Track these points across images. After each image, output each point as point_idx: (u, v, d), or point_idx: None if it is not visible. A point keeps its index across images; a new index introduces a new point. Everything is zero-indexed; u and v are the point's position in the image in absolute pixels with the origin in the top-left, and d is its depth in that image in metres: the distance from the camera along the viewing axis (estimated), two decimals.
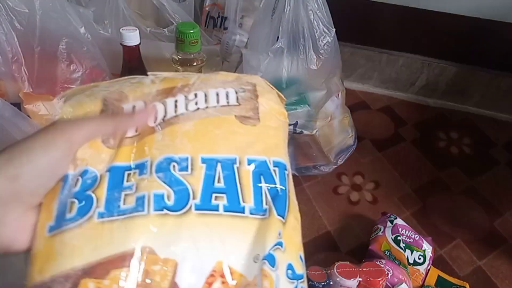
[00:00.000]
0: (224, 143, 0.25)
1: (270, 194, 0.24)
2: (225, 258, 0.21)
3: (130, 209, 0.22)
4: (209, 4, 0.82)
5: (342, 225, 0.70)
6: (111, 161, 0.23)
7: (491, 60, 0.90)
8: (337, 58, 0.69)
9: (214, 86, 0.27)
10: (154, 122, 0.25)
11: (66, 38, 0.57)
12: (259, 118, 0.26)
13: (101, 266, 0.20)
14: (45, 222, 0.22)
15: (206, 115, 0.25)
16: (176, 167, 0.23)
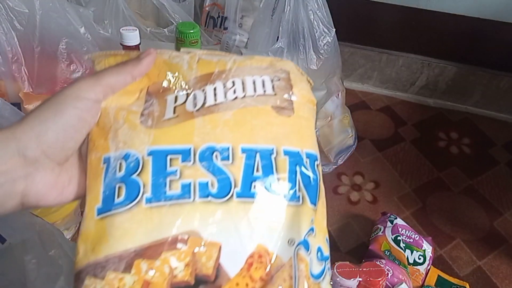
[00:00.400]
0: (262, 133, 0.26)
1: (303, 183, 0.26)
2: (263, 241, 0.23)
3: (177, 196, 0.23)
4: (209, 4, 0.82)
5: (342, 225, 0.70)
6: (151, 143, 0.24)
7: (491, 60, 0.90)
8: (337, 58, 0.69)
9: (250, 74, 0.27)
10: (194, 108, 0.25)
11: (66, 38, 0.57)
12: (293, 109, 0.27)
13: (152, 248, 0.22)
14: (93, 204, 0.23)
15: (244, 104, 0.26)
16: (218, 156, 0.24)
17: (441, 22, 0.87)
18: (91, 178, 0.24)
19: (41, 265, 0.30)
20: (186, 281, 0.22)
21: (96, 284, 0.21)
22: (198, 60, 0.27)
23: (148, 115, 0.25)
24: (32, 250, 0.30)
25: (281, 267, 0.23)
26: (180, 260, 0.22)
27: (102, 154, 0.24)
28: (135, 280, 0.22)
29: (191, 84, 0.26)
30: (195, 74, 0.27)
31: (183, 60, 0.27)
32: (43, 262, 0.29)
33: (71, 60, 0.59)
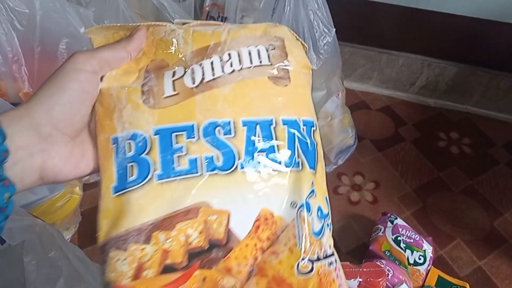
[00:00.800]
0: (260, 105, 0.27)
1: (301, 149, 0.27)
2: (267, 206, 0.25)
3: (185, 171, 0.25)
4: (209, 4, 0.82)
5: (342, 225, 0.70)
6: (156, 123, 0.25)
7: (491, 60, 0.90)
8: (337, 58, 0.69)
9: (246, 44, 0.28)
10: (193, 84, 0.26)
11: (66, 38, 0.57)
12: (290, 78, 0.28)
13: (167, 220, 0.24)
14: (109, 183, 0.25)
15: (242, 77, 0.27)
16: (221, 131, 0.26)
17: (441, 22, 0.87)
18: (103, 159, 0.25)
19: (40, 267, 0.30)
20: (200, 246, 0.24)
21: (120, 256, 0.24)
22: (192, 33, 0.28)
23: (148, 92, 0.26)
24: (32, 251, 0.30)
25: (285, 227, 0.26)
26: (193, 229, 0.24)
27: (110, 135, 0.25)
28: (155, 250, 0.24)
29: (188, 59, 0.27)
30: (191, 48, 0.27)
31: (178, 36, 0.28)
32: (42, 264, 0.29)
33: None
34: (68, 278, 0.30)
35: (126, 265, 0.23)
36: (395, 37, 0.93)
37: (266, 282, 0.25)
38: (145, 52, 0.27)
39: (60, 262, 0.30)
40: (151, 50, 0.27)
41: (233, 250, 0.25)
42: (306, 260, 0.25)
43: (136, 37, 0.27)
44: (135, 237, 0.24)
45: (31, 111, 0.23)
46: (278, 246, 0.25)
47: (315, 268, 0.26)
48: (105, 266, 0.24)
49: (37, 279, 0.29)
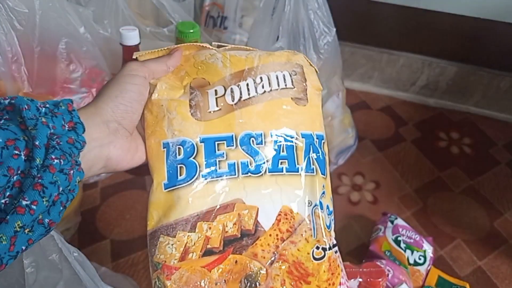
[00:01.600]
0: (285, 121, 0.33)
1: (315, 159, 0.33)
2: (288, 203, 0.31)
3: (225, 173, 0.30)
4: (209, 3, 0.82)
5: (342, 225, 0.70)
6: (202, 132, 0.31)
7: (491, 60, 0.90)
8: (338, 58, 0.69)
9: (274, 70, 0.34)
10: (233, 101, 0.32)
11: (65, 38, 0.57)
12: (308, 99, 0.34)
13: (209, 213, 0.30)
14: (160, 180, 0.30)
15: (271, 97, 0.33)
16: (254, 141, 0.31)
17: (441, 22, 0.87)
18: (154, 159, 0.30)
19: (40, 269, 0.30)
20: (234, 234, 0.30)
21: (169, 241, 0.29)
22: (230, 57, 0.34)
23: (195, 106, 0.31)
24: (32, 254, 0.30)
25: (302, 221, 0.31)
26: (229, 221, 0.30)
27: (160, 140, 0.30)
28: (199, 237, 0.29)
29: (227, 80, 0.33)
30: (229, 71, 0.33)
31: (217, 60, 0.33)
32: (42, 266, 0.30)
33: (70, 60, 0.59)
34: (68, 281, 0.30)
35: (174, 248, 0.29)
36: (396, 37, 0.93)
37: (287, 266, 0.30)
38: (188, 72, 0.33)
39: (60, 265, 0.30)
40: (193, 70, 0.33)
41: (259, 239, 0.30)
42: (320, 248, 0.31)
43: (174, 55, 0.32)
44: (183, 226, 0.29)
45: (100, 109, 0.28)
46: (296, 236, 0.31)
47: (326, 255, 0.32)
48: (155, 249, 0.29)
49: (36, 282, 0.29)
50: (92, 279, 0.31)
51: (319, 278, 0.31)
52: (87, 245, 0.65)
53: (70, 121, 0.25)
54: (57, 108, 0.25)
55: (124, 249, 0.65)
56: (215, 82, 0.32)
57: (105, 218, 0.69)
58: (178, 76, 0.33)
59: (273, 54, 0.35)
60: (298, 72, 0.35)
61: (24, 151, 0.22)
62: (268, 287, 0.30)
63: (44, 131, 0.23)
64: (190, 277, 0.28)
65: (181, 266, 0.28)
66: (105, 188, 0.73)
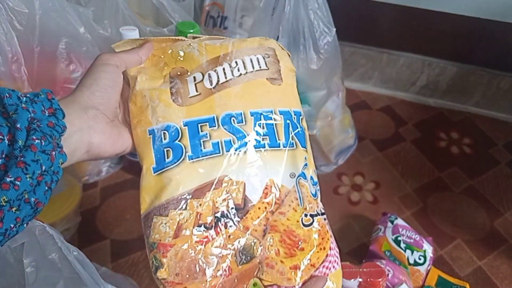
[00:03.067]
0: (263, 100, 0.34)
1: (294, 134, 0.34)
2: (273, 176, 0.33)
3: (210, 152, 0.31)
4: (209, 3, 0.82)
5: (342, 225, 0.70)
6: (184, 117, 0.32)
7: (492, 60, 0.90)
8: (338, 58, 0.69)
9: (248, 54, 0.36)
10: (211, 85, 0.33)
11: (65, 38, 0.57)
12: (282, 78, 0.36)
13: (198, 190, 0.31)
14: (149, 165, 0.31)
15: (247, 79, 0.34)
16: (235, 120, 0.33)
17: (441, 22, 0.87)
18: (142, 146, 0.32)
19: (40, 268, 0.30)
20: (223, 209, 0.31)
21: (162, 220, 0.30)
22: (205, 46, 0.35)
23: (176, 93, 0.33)
24: (32, 253, 0.30)
25: (288, 192, 0.33)
26: (218, 196, 0.31)
27: (146, 128, 0.32)
28: (191, 213, 0.30)
29: (205, 66, 0.34)
30: (206, 58, 0.35)
31: (194, 49, 0.35)
32: (42, 265, 0.30)
33: (70, 60, 0.59)
34: (68, 280, 0.30)
35: (168, 227, 0.30)
36: (396, 36, 0.93)
37: (279, 236, 0.32)
38: (167, 62, 0.34)
39: (60, 264, 0.30)
40: (171, 60, 0.34)
41: (249, 212, 0.31)
42: (308, 215, 0.33)
43: (145, 46, 0.34)
44: (174, 204, 0.30)
45: (78, 97, 0.29)
46: (284, 207, 0.32)
47: (315, 220, 0.33)
48: (149, 231, 0.30)
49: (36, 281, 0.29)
50: (92, 277, 0.31)
51: (311, 243, 0.32)
52: (87, 245, 0.65)
53: (50, 108, 0.27)
54: (37, 96, 0.27)
55: (124, 249, 0.65)
56: (193, 69, 0.34)
57: (105, 218, 0.69)
58: (158, 67, 0.34)
59: (245, 40, 0.37)
60: (270, 54, 0.36)
61: (7, 136, 0.24)
62: (263, 257, 0.31)
63: (25, 115, 0.24)
64: (185, 252, 0.29)
65: (176, 243, 0.29)
66: (105, 188, 0.73)
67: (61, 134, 0.26)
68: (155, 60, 0.35)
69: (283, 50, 0.38)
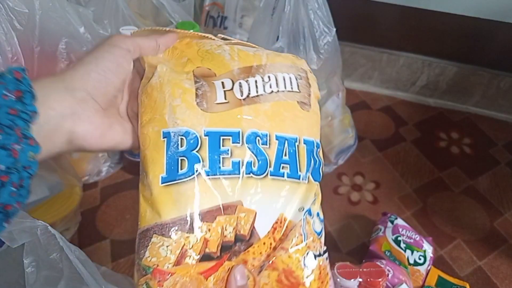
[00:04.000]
0: (290, 124, 0.31)
1: (313, 165, 0.32)
2: (285, 211, 0.29)
3: (229, 171, 0.28)
4: (209, 3, 0.82)
5: (342, 225, 0.70)
6: (207, 125, 0.28)
7: (491, 60, 0.90)
8: (338, 58, 0.69)
9: (281, 71, 0.33)
10: (241, 96, 0.30)
11: (65, 38, 0.57)
12: (311, 104, 0.33)
13: (209, 213, 0.27)
14: (158, 173, 0.27)
15: (278, 98, 0.31)
16: (260, 141, 0.30)
17: (441, 22, 0.87)
18: (151, 150, 0.27)
19: (40, 268, 0.30)
20: (231, 240, 0.28)
21: (164, 242, 0.26)
22: (237, 51, 0.32)
23: (202, 96, 0.29)
24: (32, 253, 0.30)
25: (293, 227, 0.30)
26: (229, 224, 0.27)
27: (160, 128, 0.27)
28: (198, 239, 0.26)
29: (235, 74, 0.31)
30: (238, 65, 0.31)
31: (224, 52, 0.31)
32: (43, 265, 0.30)
33: (70, 60, 0.58)
34: (69, 280, 0.30)
35: (170, 251, 0.26)
36: (396, 37, 0.93)
37: (277, 274, 0.29)
38: (191, 59, 0.30)
39: (61, 264, 0.30)
40: (196, 58, 0.30)
41: (253, 246, 0.28)
42: (311, 254, 0.30)
43: (168, 35, 0.30)
44: (181, 225, 0.26)
45: (67, 76, 0.25)
46: (287, 242, 0.29)
47: (317, 261, 0.31)
48: (145, 251, 0.26)
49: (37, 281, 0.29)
50: (93, 277, 0.31)
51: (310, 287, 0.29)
52: (87, 245, 0.65)
53: (17, 90, 0.22)
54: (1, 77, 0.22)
55: (124, 249, 0.65)
56: (222, 74, 0.30)
57: (105, 218, 0.69)
58: (180, 62, 0.30)
59: (279, 55, 0.34)
60: (303, 76, 0.34)
61: None
62: None
63: None
64: (185, 285, 0.25)
65: (176, 271, 0.25)
66: (105, 188, 0.73)
67: (30, 122, 0.22)
68: (177, 54, 0.30)
69: (311, 73, 0.36)
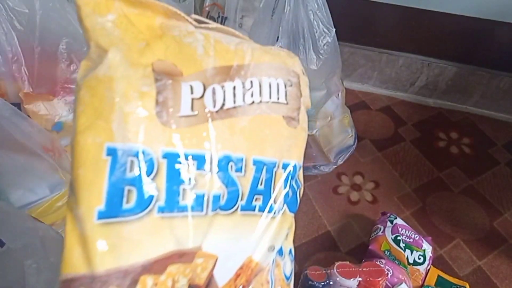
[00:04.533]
0: (272, 145, 0.25)
1: (290, 194, 0.27)
2: (253, 252, 0.24)
3: (190, 207, 0.21)
4: (209, 4, 0.82)
5: (342, 225, 0.70)
6: (166, 144, 0.21)
7: (491, 60, 0.90)
8: (337, 58, 0.69)
9: (268, 74, 0.26)
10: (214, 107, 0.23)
11: (66, 38, 0.57)
12: (299, 120, 0.27)
13: (159, 262, 0.20)
14: (93, 204, 0.19)
15: (260, 111, 0.25)
16: (233, 167, 0.23)
17: (441, 22, 0.87)
18: (89, 169, 0.19)
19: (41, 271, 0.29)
20: None
21: None
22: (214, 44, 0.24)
23: (163, 104, 0.21)
24: (33, 255, 0.29)
25: (259, 271, 0.24)
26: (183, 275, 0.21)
27: (104, 141, 0.19)
28: None
29: (209, 75, 0.23)
30: (213, 63, 0.23)
31: (197, 42, 0.23)
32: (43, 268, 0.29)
33: (71, 60, 0.59)
34: None
35: None
36: (395, 37, 0.93)
37: None
38: (151, 45, 0.21)
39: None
40: (159, 45, 0.22)
41: None
42: None
43: None
44: (119, 280, 0.19)
45: None
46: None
47: None
48: None
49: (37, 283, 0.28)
50: None
51: None
52: None
53: None
54: None
55: None
56: (190, 74, 0.22)
57: None
58: (136, 46, 0.21)
59: (268, 52, 0.27)
60: (294, 83, 0.27)
61: None
62: None
63: None
64: None
65: None
66: None
67: None
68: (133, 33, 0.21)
69: (304, 75, 0.29)
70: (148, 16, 0.22)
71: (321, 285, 0.52)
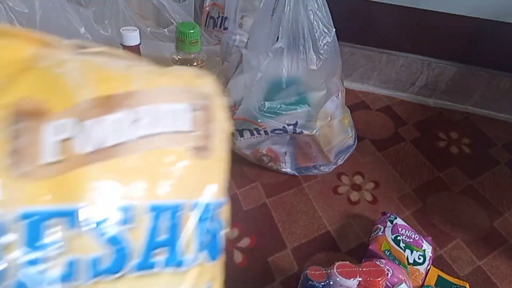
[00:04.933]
0: (173, 185, 0.20)
1: (208, 239, 0.22)
2: None
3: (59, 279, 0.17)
4: (209, 4, 0.82)
5: (342, 225, 0.70)
6: (26, 201, 0.17)
7: (491, 60, 0.90)
8: (337, 58, 0.69)
9: (166, 100, 0.21)
10: (90, 148, 0.18)
11: (66, 38, 0.57)
12: (212, 148, 0.23)
13: None
14: None
15: (154, 145, 0.20)
16: (118, 220, 0.19)
17: (441, 22, 0.87)
18: None
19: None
20: None
21: None
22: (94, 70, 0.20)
23: (19, 153, 0.17)
24: None
25: None
26: None
27: None
28: None
29: (84, 109, 0.18)
30: (90, 93, 0.19)
31: (71, 71, 0.19)
32: None
33: None
34: None
35: None
36: (395, 37, 0.93)
37: None
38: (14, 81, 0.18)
39: None
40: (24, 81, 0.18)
41: None
42: None
43: None
44: None
45: None
46: None
47: None
48: None
49: None
50: None
51: None
52: None
53: None
54: None
55: None
56: (60, 110, 0.18)
57: None
58: None
59: (167, 74, 0.22)
60: (202, 106, 0.22)
61: None
62: None
63: None
64: None
65: None
66: None
67: None
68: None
69: (220, 98, 0.24)
70: (14, 48, 0.19)
71: (321, 285, 0.52)
